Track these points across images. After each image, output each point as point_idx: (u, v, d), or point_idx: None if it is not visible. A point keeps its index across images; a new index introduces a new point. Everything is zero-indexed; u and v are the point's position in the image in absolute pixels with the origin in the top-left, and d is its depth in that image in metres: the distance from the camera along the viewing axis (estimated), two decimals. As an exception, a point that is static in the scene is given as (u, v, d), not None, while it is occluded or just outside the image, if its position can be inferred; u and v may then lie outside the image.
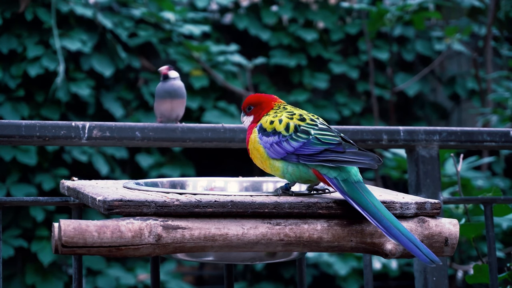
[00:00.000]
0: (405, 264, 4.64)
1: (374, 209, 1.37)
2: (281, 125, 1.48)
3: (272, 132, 1.48)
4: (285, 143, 1.46)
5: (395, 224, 1.35)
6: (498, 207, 2.17)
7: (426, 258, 1.33)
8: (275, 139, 1.47)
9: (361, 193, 1.39)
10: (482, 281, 2.03)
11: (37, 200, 1.77)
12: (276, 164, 1.47)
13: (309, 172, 1.45)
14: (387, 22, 4.51)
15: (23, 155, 4.36)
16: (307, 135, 1.46)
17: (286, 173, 1.46)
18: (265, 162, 1.49)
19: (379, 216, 1.36)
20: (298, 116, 1.50)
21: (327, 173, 1.43)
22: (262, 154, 1.48)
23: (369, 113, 5.41)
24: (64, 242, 1.28)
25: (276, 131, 1.48)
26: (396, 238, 1.34)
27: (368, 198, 1.38)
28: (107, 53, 4.72)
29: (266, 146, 1.48)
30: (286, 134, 1.47)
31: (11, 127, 1.80)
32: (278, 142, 1.47)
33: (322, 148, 1.43)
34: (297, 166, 1.45)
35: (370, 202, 1.38)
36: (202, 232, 1.34)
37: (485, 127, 3.18)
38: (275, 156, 1.47)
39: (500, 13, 4.81)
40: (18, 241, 4.36)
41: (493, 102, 4.86)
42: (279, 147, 1.47)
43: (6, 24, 4.53)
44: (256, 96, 1.57)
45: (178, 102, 2.02)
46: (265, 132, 1.49)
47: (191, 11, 5.21)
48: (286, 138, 1.46)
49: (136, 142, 1.92)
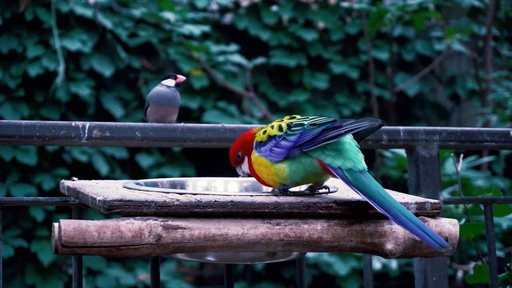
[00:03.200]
0: (405, 264, 4.64)
1: (380, 197, 1.37)
2: (274, 129, 1.48)
3: (268, 139, 1.48)
4: (283, 141, 1.46)
5: (402, 211, 1.35)
6: (498, 207, 2.17)
7: (435, 243, 1.34)
8: (273, 143, 1.47)
9: (366, 182, 1.39)
10: (482, 281, 2.03)
11: (37, 200, 1.77)
12: (281, 166, 1.46)
13: (313, 163, 1.44)
14: (387, 22, 4.51)
15: (23, 155, 4.36)
16: (301, 126, 1.46)
17: (291, 172, 1.45)
18: (270, 171, 1.47)
19: (386, 204, 1.36)
20: (288, 117, 1.50)
21: (331, 163, 1.42)
22: (265, 164, 1.48)
23: (369, 113, 5.41)
24: (64, 242, 1.28)
25: (271, 135, 1.48)
26: (404, 225, 1.35)
27: (373, 187, 1.38)
28: (107, 53, 4.72)
29: (266, 154, 1.48)
30: (281, 133, 1.47)
31: (11, 127, 1.80)
32: (276, 144, 1.47)
33: (320, 129, 1.42)
34: (300, 161, 1.45)
35: (376, 191, 1.38)
36: (202, 232, 1.34)
37: (485, 127, 3.18)
38: (277, 158, 1.46)
39: (500, 13, 4.81)
40: (18, 241, 4.36)
41: (493, 102, 4.86)
42: (278, 147, 1.46)
43: (6, 24, 4.54)
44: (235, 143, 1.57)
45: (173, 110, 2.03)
46: (261, 143, 1.49)
47: (191, 11, 5.21)
48: (282, 137, 1.46)
49: (136, 142, 1.91)
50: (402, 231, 1.42)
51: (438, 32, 5.48)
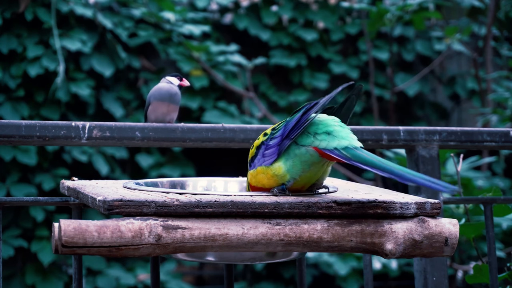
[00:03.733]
0: (405, 264, 4.64)
1: (381, 164, 1.39)
2: (259, 139, 1.50)
3: (257, 149, 1.50)
4: (271, 141, 1.47)
5: (405, 170, 1.39)
6: (498, 207, 2.17)
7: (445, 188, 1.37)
8: (262, 149, 1.49)
9: (365, 155, 1.41)
10: (482, 281, 2.03)
11: (37, 200, 1.77)
12: (276, 165, 1.46)
13: (309, 152, 1.44)
14: (387, 22, 4.51)
15: (23, 155, 4.36)
16: (284, 121, 1.47)
17: (288, 168, 1.45)
18: (268, 175, 1.47)
19: (390, 168, 1.39)
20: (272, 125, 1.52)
21: (326, 146, 1.43)
22: (262, 170, 1.48)
23: (369, 113, 5.41)
24: (64, 242, 1.28)
25: (258, 145, 1.50)
26: (413, 181, 1.38)
27: (373, 158, 1.40)
28: (107, 53, 4.72)
29: (260, 162, 1.48)
30: (267, 136, 1.49)
31: (11, 127, 1.80)
32: (265, 148, 1.48)
33: (300, 113, 1.44)
34: (295, 154, 1.45)
35: (376, 159, 1.40)
36: (202, 232, 1.34)
37: (485, 127, 3.18)
38: (271, 158, 1.46)
39: (500, 13, 4.81)
40: (18, 241, 4.36)
41: (493, 102, 4.86)
42: (268, 149, 1.47)
43: (6, 24, 4.54)
44: None
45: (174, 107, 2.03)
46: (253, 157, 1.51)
47: (191, 11, 5.21)
48: (269, 138, 1.47)
49: (136, 142, 1.91)
50: (402, 231, 1.42)
51: (438, 32, 5.48)
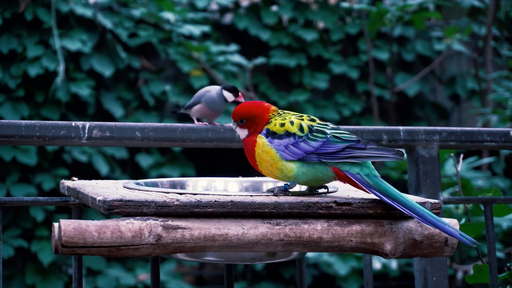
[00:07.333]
0: (405, 264, 4.64)
1: (403, 199, 1.39)
2: (293, 126, 1.47)
3: (285, 134, 1.47)
4: (303, 144, 1.46)
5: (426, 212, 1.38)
6: (498, 207, 2.17)
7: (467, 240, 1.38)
8: (290, 140, 1.46)
9: (386, 185, 1.41)
10: (482, 281, 2.03)
11: (37, 200, 1.77)
12: (289, 165, 1.46)
13: (326, 171, 1.45)
14: (387, 22, 4.51)
15: (23, 155, 4.36)
16: (324, 134, 1.46)
17: (299, 173, 1.45)
18: (275, 165, 1.47)
19: (411, 205, 1.38)
20: (308, 117, 1.50)
21: (349, 169, 1.43)
22: (273, 156, 1.47)
23: (369, 113, 5.41)
24: (64, 242, 1.28)
25: (290, 132, 1.47)
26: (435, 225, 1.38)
27: (394, 190, 1.40)
28: (107, 53, 4.72)
29: (280, 148, 1.47)
30: (302, 134, 1.46)
31: (11, 127, 1.80)
32: (294, 143, 1.46)
33: (344, 145, 1.44)
34: (313, 166, 1.45)
35: (398, 193, 1.40)
36: (202, 232, 1.34)
37: (485, 127, 3.18)
38: (291, 157, 1.46)
39: (500, 13, 4.81)
40: (18, 241, 4.36)
41: (493, 102, 4.86)
42: (297, 148, 1.46)
43: (6, 24, 4.53)
44: (247, 110, 1.53)
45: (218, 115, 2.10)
46: (276, 135, 1.47)
47: (191, 11, 5.21)
48: (303, 139, 1.46)
49: (136, 142, 1.91)
50: (402, 231, 1.42)
51: (438, 32, 5.47)
